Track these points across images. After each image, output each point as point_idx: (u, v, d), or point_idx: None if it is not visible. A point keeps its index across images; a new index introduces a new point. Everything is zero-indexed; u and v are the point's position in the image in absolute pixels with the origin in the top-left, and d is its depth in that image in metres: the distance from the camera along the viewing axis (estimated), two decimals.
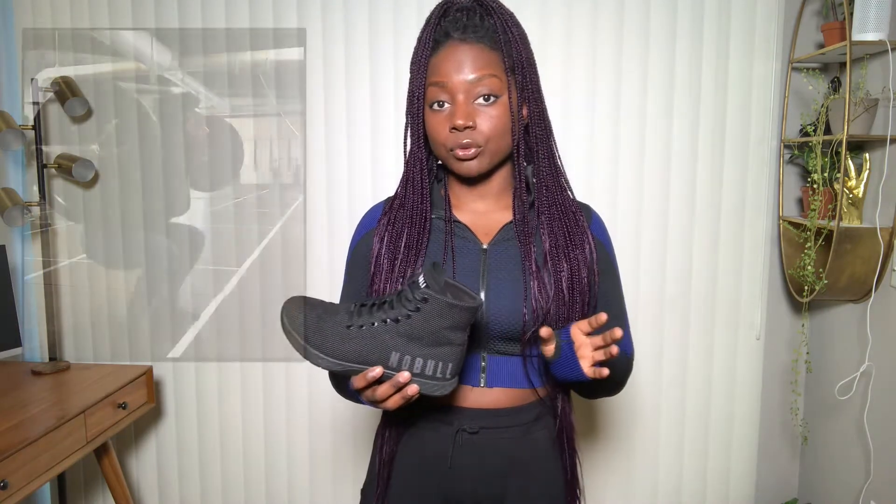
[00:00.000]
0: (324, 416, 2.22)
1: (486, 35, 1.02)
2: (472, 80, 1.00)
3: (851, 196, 1.83)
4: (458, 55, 1.01)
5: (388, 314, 0.90)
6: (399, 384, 0.90)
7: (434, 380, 0.91)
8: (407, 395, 0.91)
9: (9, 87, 2.18)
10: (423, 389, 0.91)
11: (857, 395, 1.93)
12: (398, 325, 0.89)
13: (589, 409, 2.19)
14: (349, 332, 0.90)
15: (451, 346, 0.91)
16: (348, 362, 0.90)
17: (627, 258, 2.09)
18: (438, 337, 0.89)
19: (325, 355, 0.90)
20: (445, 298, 0.87)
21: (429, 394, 0.92)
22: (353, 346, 0.90)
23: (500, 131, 1.02)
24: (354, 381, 0.93)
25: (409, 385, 0.90)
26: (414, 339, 0.89)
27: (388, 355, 0.90)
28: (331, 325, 0.91)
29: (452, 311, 0.88)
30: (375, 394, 0.92)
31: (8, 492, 1.45)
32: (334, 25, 2.08)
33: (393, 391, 0.91)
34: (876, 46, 1.77)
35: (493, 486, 1.08)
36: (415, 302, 0.88)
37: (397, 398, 0.91)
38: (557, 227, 1.07)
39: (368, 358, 0.90)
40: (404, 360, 0.90)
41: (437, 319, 0.88)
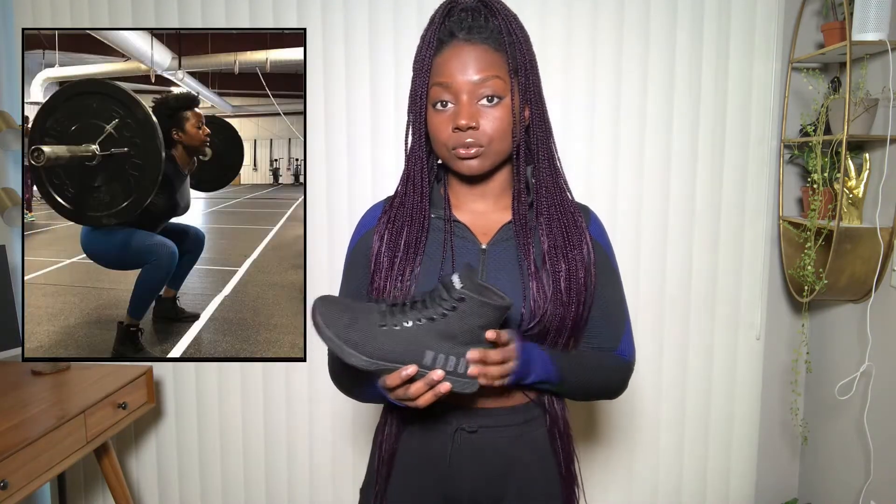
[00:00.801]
0: (324, 415, 2.22)
1: (491, 36, 1.02)
2: (476, 81, 1.00)
3: (851, 196, 1.83)
4: (462, 56, 1.01)
5: (423, 313, 0.92)
6: (433, 382, 0.92)
7: (465, 378, 0.94)
8: (439, 393, 0.93)
9: (9, 87, 2.18)
10: (454, 387, 0.94)
11: (857, 395, 1.93)
12: (434, 324, 0.92)
13: (589, 409, 2.19)
14: (383, 331, 0.93)
15: (482, 344, 0.94)
16: (384, 361, 0.93)
17: (627, 258, 2.09)
18: (472, 336, 0.92)
19: (361, 354, 0.92)
20: (482, 298, 0.90)
21: (459, 391, 0.94)
22: (388, 346, 0.92)
23: (502, 132, 1.02)
24: (387, 380, 0.94)
25: (442, 383, 0.92)
26: (448, 338, 0.92)
27: (422, 354, 0.92)
28: (366, 325, 0.93)
29: (487, 310, 0.91)
30: (409, 392, 0.93)
31: (8, 492, 1.45)
32: (334, 25, 2.08)
33: (426, 389, 0.92)
34: (876, 46, 1.77)
35: (492, 486, 1.08)
36: (451, 301, 0.91)
37: (429, 396, 0.93)
38: (556, 227, 1.07)
39: (403, 357, 0.92)
40: (438, 359, 0.92)
41: (472, 318, 0.91)
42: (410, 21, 2.05)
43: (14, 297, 2.01)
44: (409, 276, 1.05)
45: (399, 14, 2.06)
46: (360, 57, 2.09)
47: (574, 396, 1.13)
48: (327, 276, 2.17)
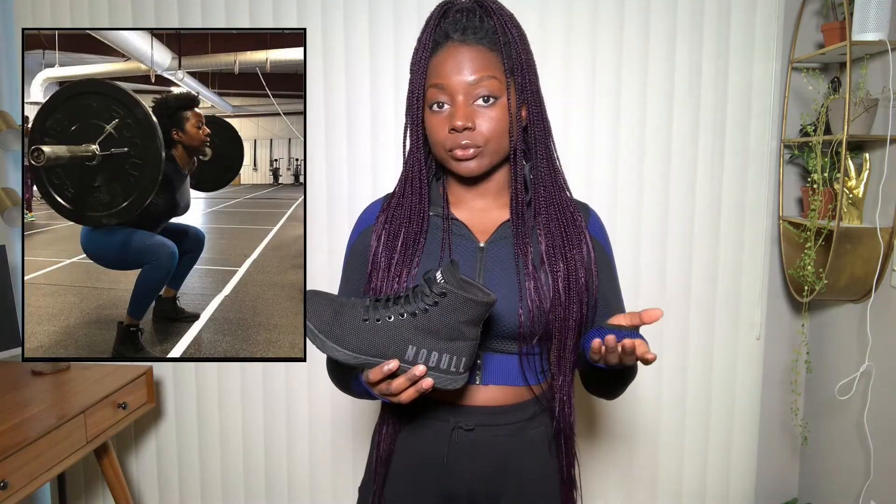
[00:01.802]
0: (323, 415, 2.22)
1: (486, 36, 1.02)
2: (471, 82, 1.00)
3: (851, 196, 1.83)
4: (457, 56, 1.01)
5: (405, 308, 0.92)
6: (415, 377, 0.92)
7: (448, 374, 0.94)
8: (422, 389, 0.92)
9: (9, 87, 2.19)
10: (436, 383, 0.93)
11: (857, 395, 1.93)
12: (415, 319, 0.91)
13: (589, 409, 2.19)
14: (366, 325, 0.92)
15: (465, 340, 0.93)
16: (365, 355, 0.93)
17: (627, 258, 2.09)
18: (454, 331, 0.92)
19: (342, 348, 0.92)
20: (463, 293, 0.90)
21: (441, 387, 0.94)
22: (370, 340, 0.92)
23: (498, 132, 1.02)
24: (370, 375, 0.94)
25: (424, 378, 0.92)
26: (430, 333, 0.92)
27: (404, 349, 0.92)
28: (349, 319, 0.93)
29: (469, 305, 0.90)
30: (391, 387, 0.93)
31: (8, 492, 1.45)
32: (334, 25, 2.08)
33: (408, 385, 0.92)
34: (876, 46, 1.77)
35: (490, 484, 1.08)
36: (433, 296, 0.91)
37: (412, 391, 0.93)
38: (555, 226, 1.07)
39: (385, 351, 0.92)
40: (420, 354, 0.92)
41: (454, 314, 0.91)
42: (410, 21, 2.05)
43: (14, 296, 2.01)
44: (406, 275, 1.05)
45: (399, 14, 2.06)
46: (359, 57, 2.09)
47: (608, 388, 1.11)
48: (327, 276, 2.17)
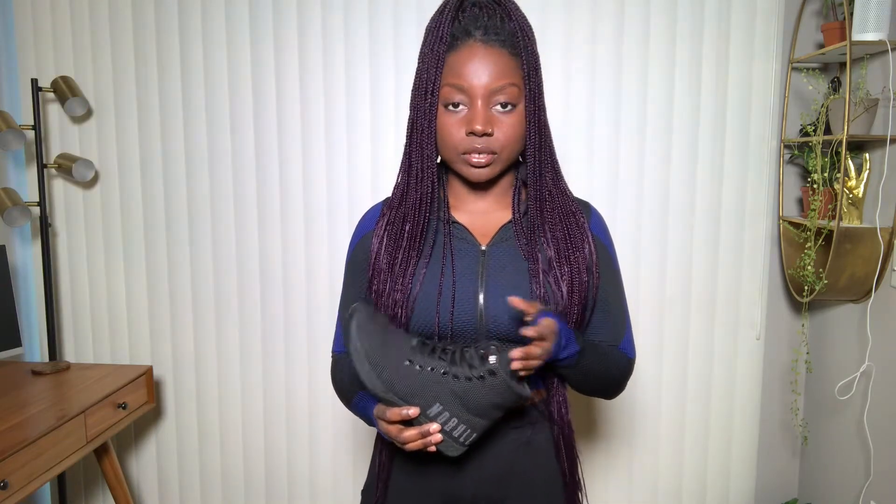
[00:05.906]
0: (324, 416, 2.22)
1: (508, 40, 0.99)
2: (494, 88, 0.97)
3: (851, 196, 1.83)
4: (480, 58, 0.97)
5: (451, 368, 0.92)
6: (427, 434, 0.92)
7: (455, 441, 0.94)
8: (428, 444, 0.93)
9: (9, 87, 2.18)
10: (440, 446, 0.94)
11: (857, 395, 1.93)
12: (455, 383, 0.92)
13: (589, 409, 2.19)
14: (407, 367, 0.93)
15: (486, 419, 0.94)
16: (394, 394, 0.93)
17: (627, 258, 2.09)
18: (483, 409, 0.93)
19: (378, 379, 0.93)
20: (510, 382, 0.90)
21: (443, 451, 0.95)
22: (406, 382, 0.93)
23: (514, 140, 1.01)
24: (388, 413, 0.94)
25: (434, 435, 0.93)
26: (461, 401, 0.92)
27: (431, 403, 0.92)
28: (394, 353, 0.93)
29: (509, 394, 0.91)
30: (402, 434, 0.94)
31: (8, 492, 1.44)
32: (334, 25, 2.08)
33: (418, 437, 0.93)
34: (876, 46, 1.77)
35: (493, 488, 1.08)
36: (481, 370, 0.91)
37: (418, 444, 0.94)
38: (557, 228, 1.06)
39: (413, 397, 0.93)
40: (443, 415, 0.93)
41: (492, 395, 0.91)
42: (410, 21, 2.05)
43: (14, 297, 2.00)
44: (408, 279, 1.04)
45: (399, 14, 2.06)
46: (360, 57, 2.08)
47: (583, 382, 1.07)
48: (327, 276, 2.17)
